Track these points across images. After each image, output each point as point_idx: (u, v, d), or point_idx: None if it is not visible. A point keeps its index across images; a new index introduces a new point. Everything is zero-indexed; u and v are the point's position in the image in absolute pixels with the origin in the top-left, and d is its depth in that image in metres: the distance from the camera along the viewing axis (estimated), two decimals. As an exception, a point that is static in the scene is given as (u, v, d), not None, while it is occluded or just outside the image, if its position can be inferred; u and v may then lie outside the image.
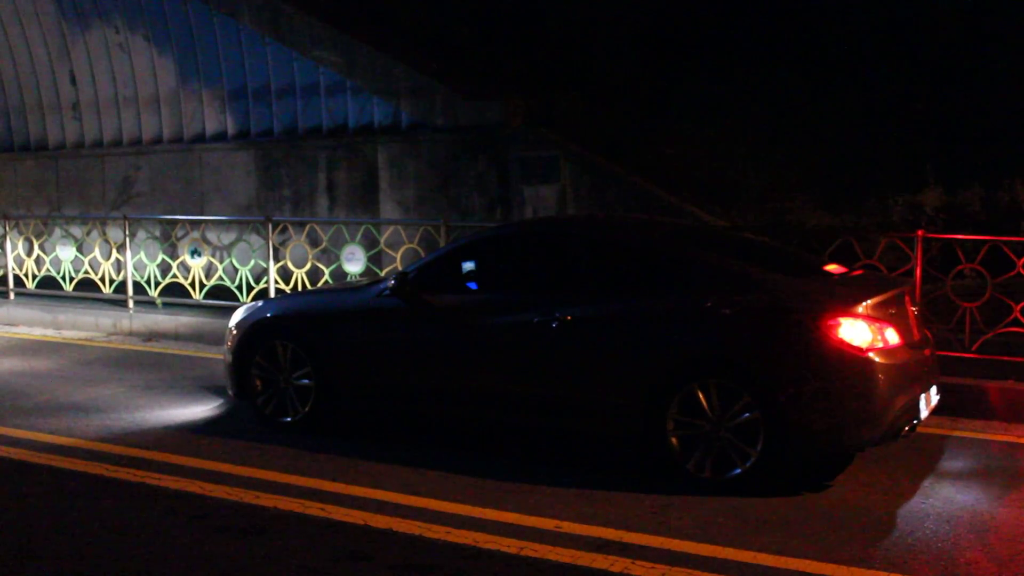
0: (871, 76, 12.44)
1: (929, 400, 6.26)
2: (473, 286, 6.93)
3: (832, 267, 6.71)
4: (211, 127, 14.13)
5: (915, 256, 8.05)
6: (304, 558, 4.86)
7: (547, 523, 5.25)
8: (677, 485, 5.79)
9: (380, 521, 5.28)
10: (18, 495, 5.85)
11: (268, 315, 7.43)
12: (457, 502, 5.59)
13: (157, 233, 12.89)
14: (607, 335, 6.19)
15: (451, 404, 6.79)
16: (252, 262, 11.88)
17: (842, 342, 5.76)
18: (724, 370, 5.90)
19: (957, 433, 7.00)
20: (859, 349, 5.76)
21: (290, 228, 11.60)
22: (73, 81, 15.44)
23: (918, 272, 8.02)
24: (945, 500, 5.67)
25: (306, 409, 7.15)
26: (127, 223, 12.53)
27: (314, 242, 11.27)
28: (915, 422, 6.06)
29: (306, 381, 7.14)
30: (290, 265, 10.82)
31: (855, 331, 5.79)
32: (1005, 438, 6.93)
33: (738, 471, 5.77)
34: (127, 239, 12.37)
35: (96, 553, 4.96)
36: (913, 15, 12.62)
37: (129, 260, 12.34)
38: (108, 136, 15.25)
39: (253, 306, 7.71)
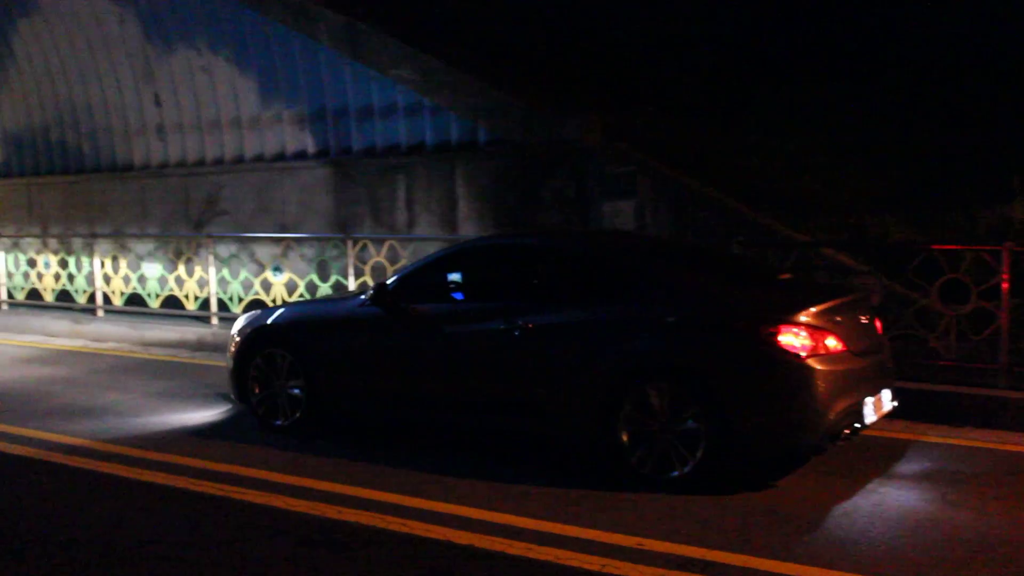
0: (956, 87, 12.28)
1: (880, 405, 6.62)
2: (448, 296, 7.50)
3: (786, 276, 7.28)
4: (292, 146, 14.42)
5: (1001, 269, 7.94)
6: (389, 575, 4.98)
7: (628, 540, 5.31)
8: (756, 504, 5.91)
9: (462, 537, 5.38)
10: (113, 509, 6.04)
11: (265, 324, 8.04)
12: (537, 518, 5.67)
13: (239, 251, 13.18)
14: (564, 342, 6.63)
15: (426, 409, 7.28)
16: (333, 278, 12.12)
17: (781, 349, 6.07)
18: (670, 375, 6.30)
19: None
20: (797, 356, 6.07)
21: (370, 245, 11.79)
22: (158, 103, 15.86)
23: (1004, 286, 7.92)
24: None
25: (297, 415, 7.75)
26: (211, 241, 12.85)
27: (393, 259, 11.46)
28: (857, 426, 6.35)
29: (296, 391, 7.73)
30: (370, 281, 11.01)
31: (794, 339, 6.10)
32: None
33: (676, 473, 6.19)
34: (211, 257, 12.69)
35: (188, 569, 5.11)
36: (1000, 25, 12.44)
37: (213, 277, 12.65)
38: (191, 156, 15.63)
39: (253, 315, 8.32)
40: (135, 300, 13.86)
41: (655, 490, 6.12)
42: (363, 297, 7.59)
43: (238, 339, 8.10)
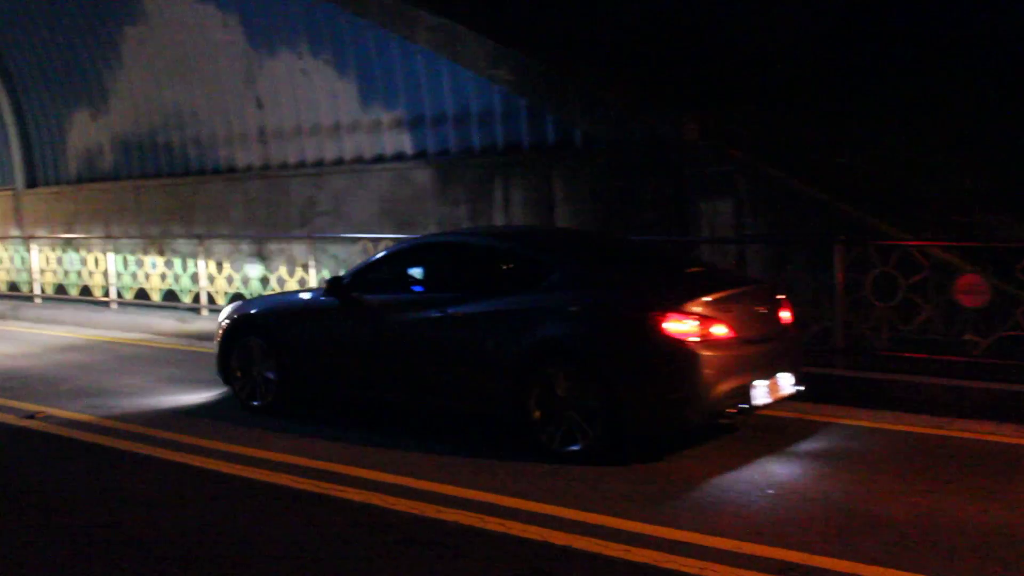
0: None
1: (777, 388, 7.29)
2: (393, 288, 8.34)
3: (694, 269, 8.18)
4: (390, 147, 14.63)
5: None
6: (490, 575, 5.06)
7: (726, 543, 5.30)
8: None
9: (559, 538, 5.44)
10: (249, 509, 6.24)
11: (243, 314, 9.09)
12: (635, 519, 5.70)
13: (338, 251, 13.42)
14: (485, 329, 7.45)
15: (375, 390, 8.22)
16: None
17: (667, 335, 6.76)
18: (572, 359, 7.04)
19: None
20: (682, 341, 6.76)
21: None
22: (259, 106, 16.23)
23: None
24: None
25: (269, 399, 8.74)
26: (312, 242, 13.12)
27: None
28: (743, 406, 7.01)
29: (271, 375, 8.70)
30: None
31: (679, 325, 6.78)
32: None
33: (576, 447, 6.97)
34: (312, 257, 12.96)
35: (297, 566, 5.26)
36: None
37: (313, 277, 12.92)
38: (292, 158, 15.96)
39: (235, 305, 9.49)
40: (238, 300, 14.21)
41: (561, 463, 6.86)
42: (324, 289, 8.56)
43: (221, 329, 9.14)
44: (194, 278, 14.84)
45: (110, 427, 8.51)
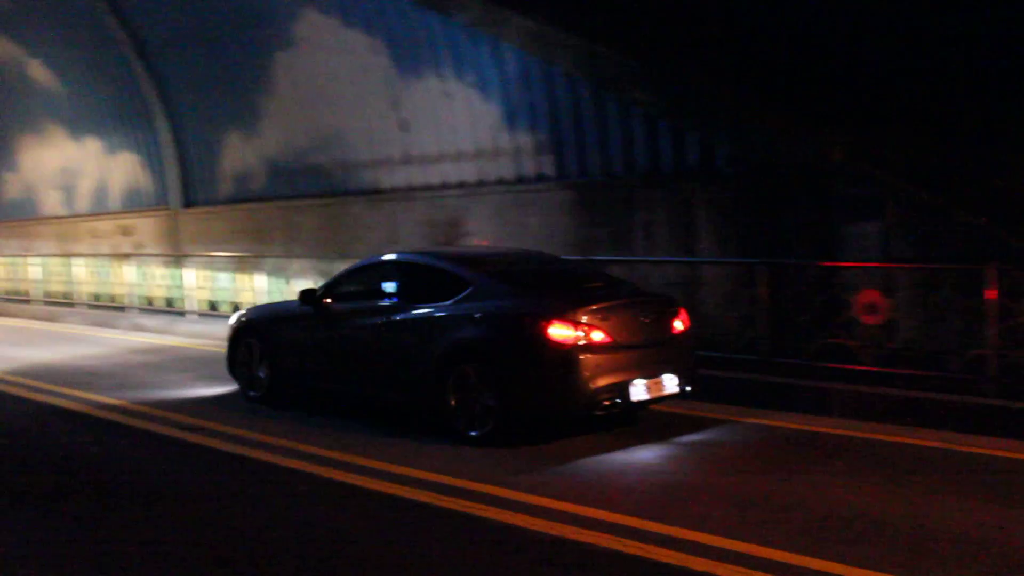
0: None
1: (660, 387, 8.68)
2: (353, 298, 9.99)
3: (595, 284, 9.43)
4: (531, 169, 14.85)
5: None
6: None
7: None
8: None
9: (700, 564, 5.58)
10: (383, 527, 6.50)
11: (245, 320, 11.06)
12: (778, 548, 5.73)
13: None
14: (416, 332, 9.08)
15: (338, 384, 9.93)
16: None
17: (551, 338, 8.20)
18: (478, 357, 8.53)
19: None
20: (563, 344, 8.19)
21: (608, 267, 12.02)
22: (403, 128, 16.66)
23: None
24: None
25: (262, 392, 10.64)
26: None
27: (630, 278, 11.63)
28: (618, 400, 8.38)
29: (262, 372, 10.63)
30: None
31: (562, 331, 8.21)
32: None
33: (477, 432, 8.47)
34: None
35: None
36: None
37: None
38: (435, 180, 16.34)
39: (241, 312, 11.37)
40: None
41: (468, 444, 8.43)
42: (299, 298, 10.36)
43: (230, 331, 11.16)
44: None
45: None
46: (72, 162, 25.84)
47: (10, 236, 28.25)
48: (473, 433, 8.48)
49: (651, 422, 9.27)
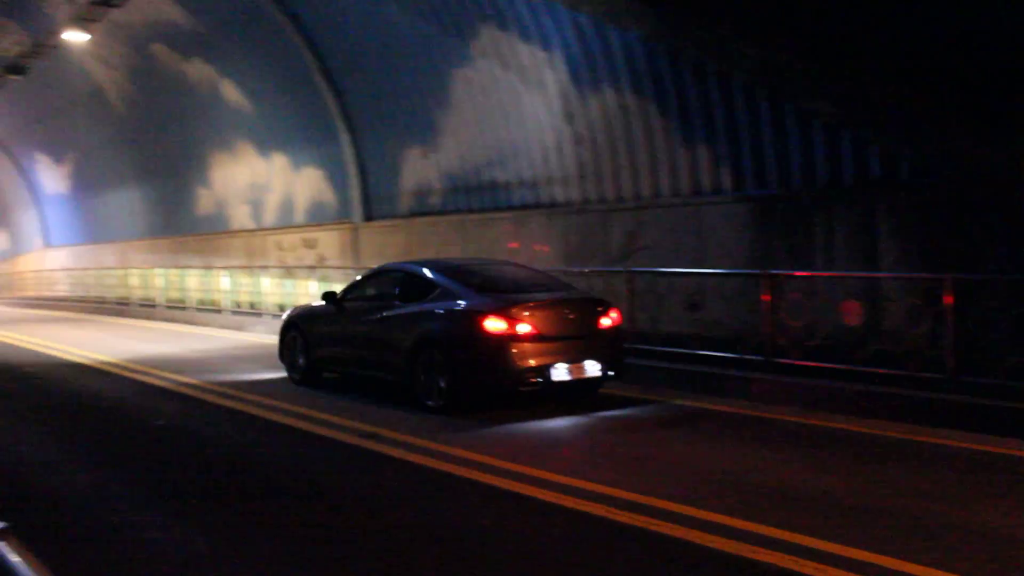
0: None
1: (581, 370, 10.74)
2: (361, 299, 12.60)
3: (538, 288, 11.53)
4: (708, 183, 14.82)
5: None
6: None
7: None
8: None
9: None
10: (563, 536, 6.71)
11: (290, 316, 13.92)
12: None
13: (657, 285, 13.70)
14: (399, 326, 11.46)
15: (352, 367, 12.46)
16: (748, 315, 12.32)
17: (486, 330, 10.42)
18: (438, 345, 10.84)
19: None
20: (495, 335, 10.40)
21: (787, 280, 11.88)
22: (579, 142, 16.86)
23: None
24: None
25: (299, 376, 13.40)
26: (631, 276, 13.49)
27: (810, 293, 11.48)
28: (539, 379, 10.49)
29: (302, 359, 13.30)
30: (788, 320, 11.09)
31: (495, 324, 10.42)
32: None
33: (433, 403, 10.81)
34: (631, 292, 13.31)
35: None
36: None
37: (630, 311, 13.24)
38: (611, 194, 16.46)
39: (289, 311, 14.41)
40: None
41: (429, 413, 10.74)
42: (323, 299, 13.11)
43: (280, 326, 14.02)
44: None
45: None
46: (260, 177, 27.09)
47: (203, 248, 29.77)
48: (430, 403, 10.85)
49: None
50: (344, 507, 7.29)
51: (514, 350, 10.39)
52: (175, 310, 27.03)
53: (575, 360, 10.70)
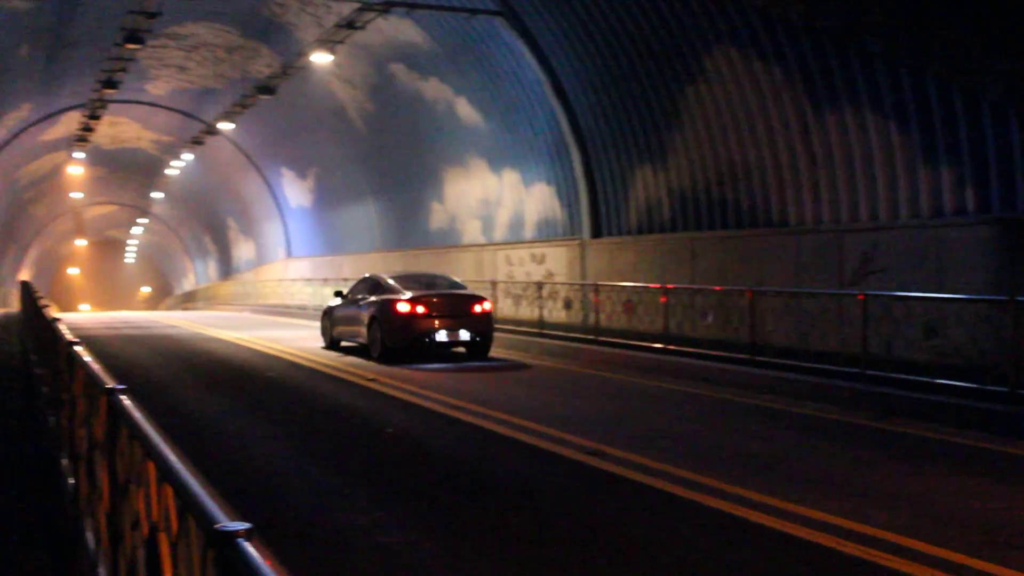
0: None
1: (456, 336, 17.99)
2: (356, 295, 19.95)
3: (441, 284, 19.60)
4: (950, 204, 14.33)
5: None
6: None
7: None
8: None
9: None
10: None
11: (326, 308, 21.43)
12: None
13: (893, 310, 13.35)
14: (365, 309, 18.93)
15: (347, 337, 20.07)
16: (991, 344, 11.85)
17: (398, 311, 17.89)
18: (378, 319, 18.28)
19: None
20: (402, 314, 17.86)
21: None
22: (813, 161, 16.61)
23: None
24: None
25: (327, 345, 21.09)
26: (864, 300, 13.20)
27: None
28: (427, 340, 17.79)
29: (328, 335, 21.22)
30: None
31: (402, 307, 17.86)
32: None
33: (377, 354, 18.21)
34: (865, 316, 13.03)
35: None
36: None
37: (864, 334, 12.94)
38: (845, 213, 16.13)
39: (327, 305, 21.71)
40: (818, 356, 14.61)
41: (374, 361, 17.84)
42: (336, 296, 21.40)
43: (322, 315, 21.98)
44: (751, 326, 15.51)
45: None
46: (491, 193, 27.88)
47: (435, 262, 30.86)
48: (374, 355, 18.34)
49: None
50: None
51: (412, 322, 17.91)
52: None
53: (452, 329, 18.08)
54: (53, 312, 11.13)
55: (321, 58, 26.60)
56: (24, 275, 67.56)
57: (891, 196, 15.31)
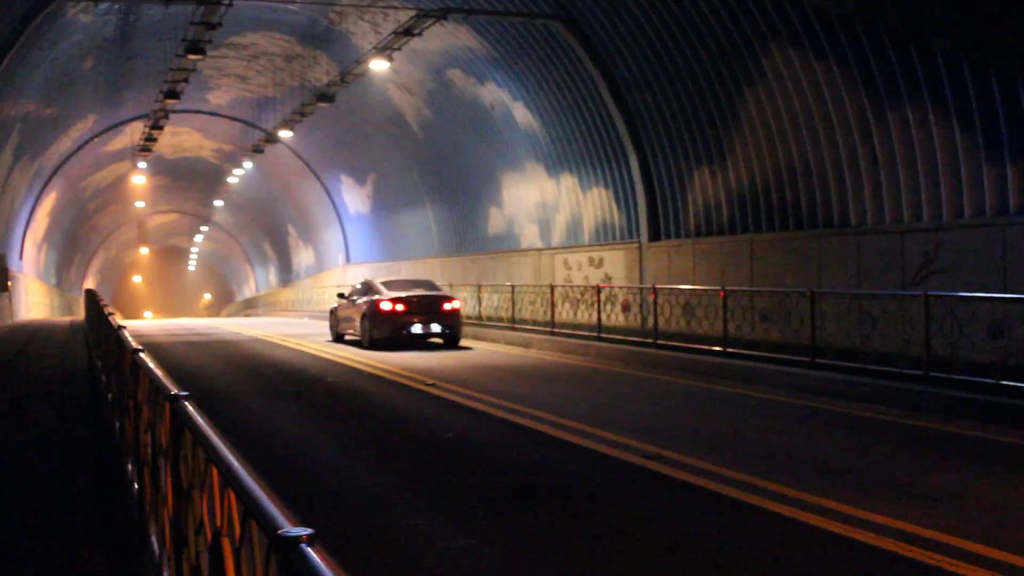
0: None
1: (428, 328, 22.36)
2: (354, 295, 24.39)
3: (419, 286, 24.09)
4: (1015, 202, 14.09)
5: None
6: None
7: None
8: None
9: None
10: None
11: (333, 307, 26.11)
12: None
13: (957, 311, 13.16)
14: (357, 307, 23.49)
15: (347, 331, 24.51)
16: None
17: (381, 309, 22.29)
18: (367, 316, 23.02)
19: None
20: (384, 311, 22.24)
21: None
22: (875, 160, 16.41)
23: None
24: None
25: (334, 339, 25.68)
26: (926, 300, 13.03)
27: None
28: (404, 332, 22.16)
29: (333, 331, 25.85)
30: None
31: (384, 306, 22.27)
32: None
33: (367, 344, 22.64)
34: (927, 317, 12.86)
35: None
36: None
37: (927, 336, 12.77)
38: (908, 214, 15.93)
39: (333, 305, 26.42)
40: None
41: (363, 349, 22.54)
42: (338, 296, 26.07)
43: (329, 314, 27.00)
44: (811, 328, 15.37)
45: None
46: (548, 197, 27.89)
47: (493, 266, 30.95)
48: (364, 344, 22.29)
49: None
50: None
51: (392, 318, 22.16)
52: (464, 326, 28.12)
53: (425, 323, 22.31)
54: (118, 319, 11.33)
55: (379, 65, 26.78)
56: (89, 283, 68.84)
57: (954, 195, 15.09)
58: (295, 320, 41.71)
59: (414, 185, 37.15)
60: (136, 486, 6.23)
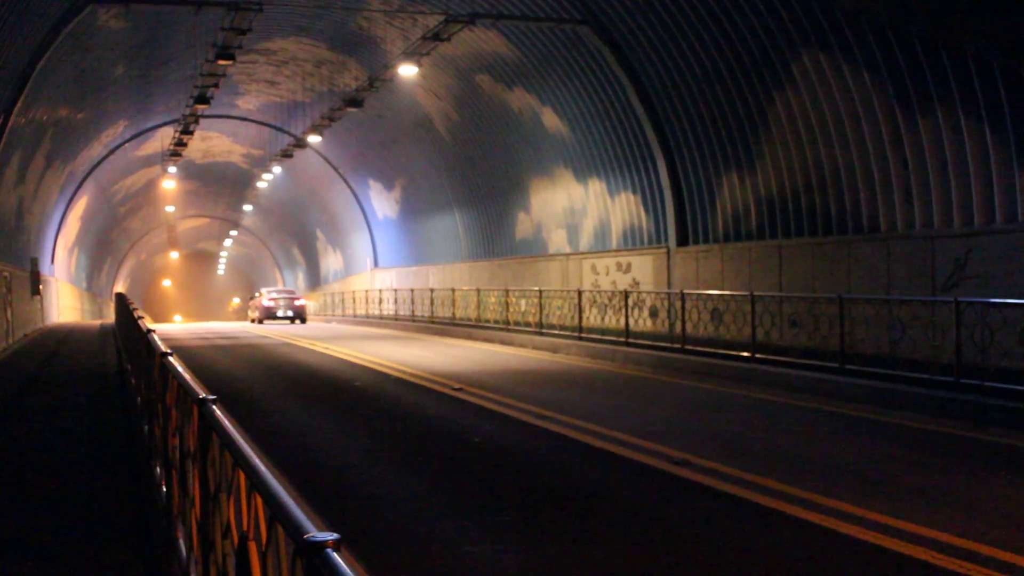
0: None
1: (288, 313, 45.57)
2: (257, 297, 49.23)
3: (285, 293, 48.20)
4: (1049, 208, 13.98)
5: None
6: None
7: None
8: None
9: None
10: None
11: (249, 304, 53.21)
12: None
13: (989, 317, 13.03)
14: (260, 303, 47.01)
15: (254, 318, 47.73)
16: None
17: (262, 304, 46.04)
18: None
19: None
20: (264, 305, 45.82)
21: None
22: (905, 166, 16.31)
23: None
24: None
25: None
26: (957, 305, 12.91)
27: None
28: (276, 315, 45.48)
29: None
30: None
31: (267, 302, 46.03)
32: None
33: (301, 322, 46.37)
34: (958, 323, 12.74)
35: None
36: None
37: (956, 343, 12.65)
38: (938, 219, 15.81)
39: (250, 302, 52.90)
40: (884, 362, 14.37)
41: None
42: None
43: (248, 308, 52.37)
44: (840, 334, 15.28)
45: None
46: (576, 202, 27.88)
47: (521, 271, 30.95)
48: (300, 322, 45.62)
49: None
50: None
51: (266, 307, 44.95)
52: (492, 330, 28.16)
53: (285, 310, 44.88)
54: (147, 323, 11.42)
55: (407, 70, 26.84)
56: (119, 287, 69.32)
57: (986, 200, 14.97)
58: (322, 324, 42.55)
59: (442, 190, 37.23)
60: (164, 489, 6.27)
